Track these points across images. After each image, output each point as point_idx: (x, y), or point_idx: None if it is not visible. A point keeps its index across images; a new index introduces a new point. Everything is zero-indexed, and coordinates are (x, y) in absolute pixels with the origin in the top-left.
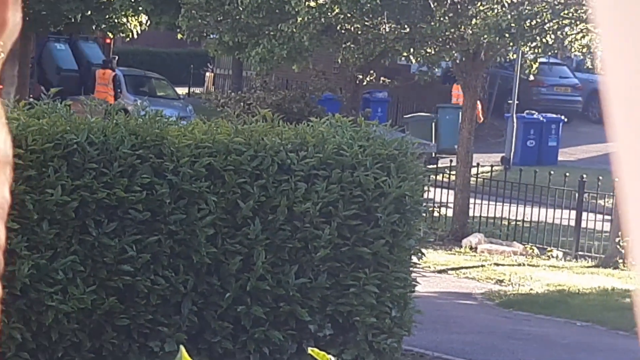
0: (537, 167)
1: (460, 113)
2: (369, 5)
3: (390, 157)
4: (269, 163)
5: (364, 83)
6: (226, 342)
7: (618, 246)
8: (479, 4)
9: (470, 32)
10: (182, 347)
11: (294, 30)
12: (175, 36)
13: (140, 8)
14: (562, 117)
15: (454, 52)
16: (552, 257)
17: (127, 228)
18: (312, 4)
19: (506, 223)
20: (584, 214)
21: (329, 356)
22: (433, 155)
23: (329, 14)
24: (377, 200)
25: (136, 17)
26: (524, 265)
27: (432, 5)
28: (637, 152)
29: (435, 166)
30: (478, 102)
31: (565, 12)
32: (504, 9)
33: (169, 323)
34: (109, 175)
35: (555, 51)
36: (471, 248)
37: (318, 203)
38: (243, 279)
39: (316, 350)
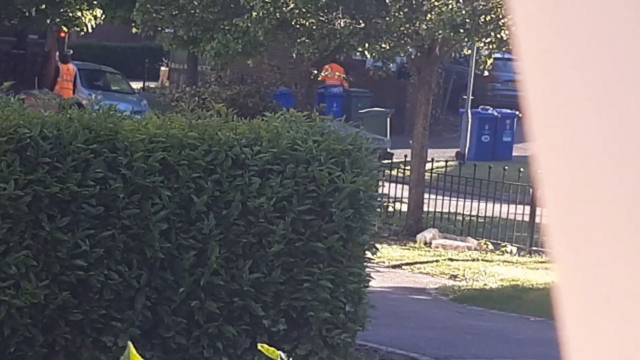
0: (491, 162)
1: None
2: (324, 0)
3: (345, 152)
4: (223, 158)
5: (319, 78)
6: (180, 337)
7: None
8: None
9: (425, 27)
10: (129, 344)
11: (249, 24)
12: (130, 30)
13: (95, 2)
14: (517, 112)
15: (408, 47)
16: (506, 252)
17: (81, 223)
18: None
19: (460, 218)
20: (538, 209)
21: (279, 352)
22: (387, 150)
23: (284, 8)
24: (332, 195)
25: (91, 11)
26: (478, 260)
27: (387, 1)
28: (555, 149)
29: (389, 161)
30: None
31: None
32: (458, 4)
33: (122, 318)
34: (62, 169)
35: (510, 47)
36: (425, 243)
37: (272, 198)
38: (197, 274)
39: (265, 346)
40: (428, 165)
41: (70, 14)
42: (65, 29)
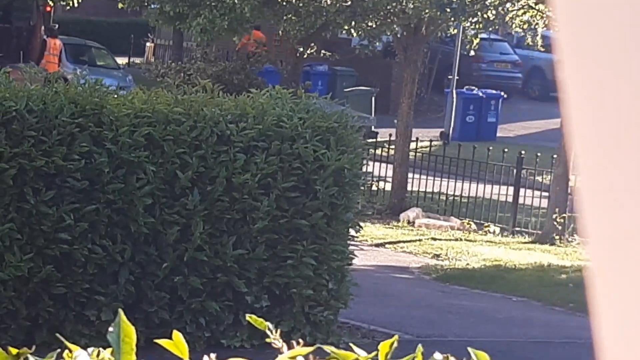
0: (475, 142)
1: None
2: None
3: (330, 130)
4: (208, 134)
5: (305, 56)
6: (163, 312)
7: (555, 222)
8: None
9: (412, 6)
10: (120, 311)
11: (235, 1)
12: (116, 5)
13: None
14: (502, 93)
15: (395, 26)
16: (489, 232)
17: (65, 196)
18: None
19: (444, 198)
20: (522, 190)
21: (267, 323)
22: (372, 129)
23: None
24: (316, 173)
25: None
26: (461, 240)
27: None
28: (595, 136)
29: (374, 140)
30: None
31: None
32: None
33: (105, 292)
34: (48, 143)
35: (496, 27)
36: (409, 222)
37: (257, 175)
38: (180, 250)
39: (253, 316)
40: (412, 145)
41: None
42: (51, 3)
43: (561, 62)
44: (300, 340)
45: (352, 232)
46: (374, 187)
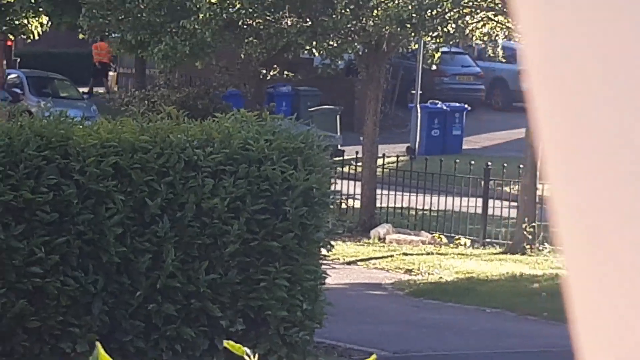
0: (442, 156)
1: None
2: None
3: (297, 150)
4: (175, 160)
5: (268, 77)
6: (138, 340)
7: (525, 232)
8: None
9: (372, 23)
10: (98, 344)
11: (196, 26)
12: (77, 36)
13: (40, 9)
14: (466, 105)
15: (356, 44)
16: (460, 245)
17: (35, 230)
18: (214, 0)
19: (414, 213)
20: (490, 201)
21: (244, 348)
22: (339, 147)
23: (230, 9)
24: (285, 194)
25: (37, 18)
26: (432, 254)
27: None
28: (563, 142)
29: (341, 158)
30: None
31: (466, 0)
32: None
33: (79, 324)
34: (15, 177)
35: (457, 40)
36: (380, 239)
37: (226, 198)
38: (153, 277)
39: (231, 342)
40: (379, 161)
41: (17, 22)
42: (11, 37)
43: (526, 72)
44: None
45: (323, 251)
46: (344, 205)
